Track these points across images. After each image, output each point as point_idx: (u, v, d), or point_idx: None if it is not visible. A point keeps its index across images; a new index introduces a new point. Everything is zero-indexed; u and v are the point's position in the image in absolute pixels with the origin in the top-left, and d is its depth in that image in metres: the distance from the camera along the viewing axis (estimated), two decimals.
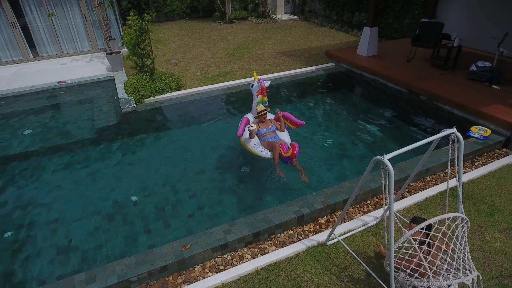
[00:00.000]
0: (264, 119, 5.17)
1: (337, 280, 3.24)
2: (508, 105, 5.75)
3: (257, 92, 5.20)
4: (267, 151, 4.74)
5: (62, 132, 6.31)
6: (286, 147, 4.65)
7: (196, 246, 3.51)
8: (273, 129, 5.10)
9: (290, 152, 4.61)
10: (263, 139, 4.97)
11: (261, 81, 5.15)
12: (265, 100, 5.23)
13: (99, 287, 3.15)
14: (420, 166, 3.16)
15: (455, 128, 2.72)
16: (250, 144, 4.92)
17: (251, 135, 4.89)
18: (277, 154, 4.60)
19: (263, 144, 4.90)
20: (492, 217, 3.89)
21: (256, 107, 5.18)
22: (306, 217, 3.95)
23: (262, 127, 5.10)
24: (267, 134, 5.01)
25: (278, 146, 4.62)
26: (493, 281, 3.16)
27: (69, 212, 4.48)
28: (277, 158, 4.62)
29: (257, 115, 5.09)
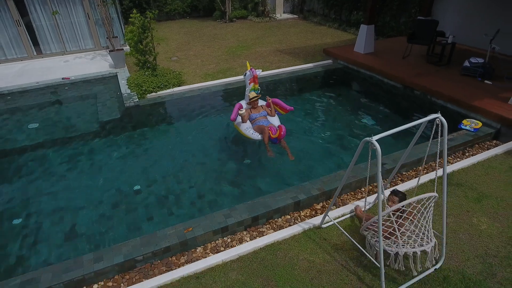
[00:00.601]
0: (256, 105, 5.63)
1: (331, 258, 3.43)
2: (499, 99, 5.95)
3: (249, 80, 5.66)
4: (257, 134, 5.20)
5: (67, 125, 6.51)
6: (274, 130, 5.09)
7: (197, 228, 3.70)
8: (264, 114, 5.55)
9: (277, 134, 5.04)
10: (255, 123, 5.40)
11: (253, 70, 5.66)
12: (257, 88, 5.71)
13: (107, 265, 3.35)
14: (410, 149, 3.36)
15: (440, 113, 2.91)
16: (243, 127, 5.40)
17: (243, 119, 5.40)
18: (266, 136, 5.07)
19: (254, 128, 5.33)
20: (479, 202, 4.08)
21: (248, 94, 5.64)
22: (302, 203, 4.14)
23: (254, 112, 5.55)
24: (258, 118, 5.44)
25: (267, 129, 5.07)
26: (478, 259, 3.36)
27: (75, 200, 4.66)
28: (266, 139, 5.09)
29: (249, 101, 5.56)
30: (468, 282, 3.13)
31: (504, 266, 3.27)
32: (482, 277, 3.18)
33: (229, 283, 3.22)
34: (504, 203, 4.06)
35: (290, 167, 5.08)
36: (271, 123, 5.41)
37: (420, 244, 3.06)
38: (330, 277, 3.24)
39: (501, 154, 5.01)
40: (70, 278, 3.22)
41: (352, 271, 3.29)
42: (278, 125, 5.14)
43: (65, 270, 3.29)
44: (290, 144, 5.30)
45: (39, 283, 3.19)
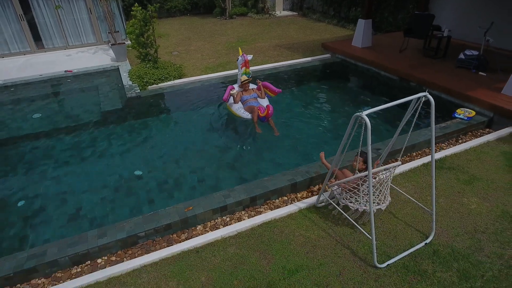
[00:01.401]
0: (247, 88, 6.22)
1: (326, 234, 3.57)
2: (493, 89, 6.09)
3: (241, 64, 6.25)
4: (248, 113, 5.83)
5: (70, 115, 6.66)
6: (262, 109, 5.62)
7: (197, 207, 3.84)
8: (254, 96, 6.14)
9: (265, 113, 5.59)
10: (246, 104, 6.00)
11: (244, 55, 6.26)
12: (248, 72, 6.26)
13: (110, 240, 3.48)
14: (400, 128, 3.49)
15: (427, 92, 3.05)
16: (234, 107, 6.04)
17: (235, 100, 6.02)
18: (255, 114, 5.65)
19: (245, 108, 5.94)
20: (470, 184, 4.22)
21: (240, 77, 6.22)
22: (299, 185, 4.28)
23: (245, 95, 6.14)
24: (249, 100, 6.05)
25: (256, 109, 5.65)
26: (467, 235, 3.49)
27: (77, 185, 4.79)
28: (255, 118, 5.67)
29: (241, 84, 6.17)
30: (457, 256, 3.27)
31: (492, 241, 3.41)
32: (471, 251, 3.32)
33: (228, 256, 3.36)
34: (494, 185, 4.19)
35: (289, 154, 5.22)
36: (261, 104, 5.93)
37: (377, 203, 3.50)
38: (324, 251, 3.38)
39: (493, 141, 5.15)
40: (75, 252, 3.36)
41: (346, 246, 3.43)
42: (267, 105, 5.65)
43: (70, 245, 3.43)
44: (289, 132, 5.45)
45: (45, 256, 3.32)
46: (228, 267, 3.25)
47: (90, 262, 3.44)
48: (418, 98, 3.09)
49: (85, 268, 3.36)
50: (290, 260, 3.29)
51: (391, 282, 3.04)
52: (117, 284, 3.12)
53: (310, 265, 3.23)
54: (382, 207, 3.48)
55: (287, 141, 5.54)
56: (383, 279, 3.07)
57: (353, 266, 3.21)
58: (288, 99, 7.13)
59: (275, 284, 3.05)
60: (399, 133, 3.49)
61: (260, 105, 5.76)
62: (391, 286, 3.01)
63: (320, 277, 3.10)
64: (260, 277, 3.12)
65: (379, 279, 3.07)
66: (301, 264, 3.23)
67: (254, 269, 3.21)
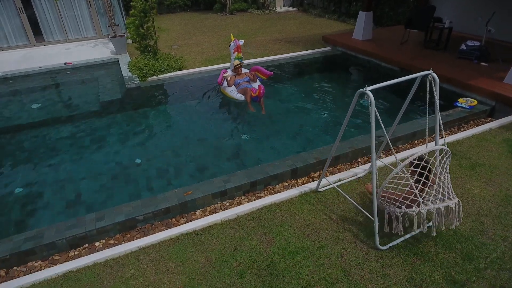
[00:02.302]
0: (240, 72, 6.63)
1: (327, 218, 3.52)
2: (494, 78, 6.05)
3: (233, 49, 6.60)
4: (241, 95, 6.30)
5: (69, 105, 6.61)
6: (254, 90, 6.17)
7: (197, 192, 3.79)
8: (246, 79, 6.56)
9: (257, 92, 6.13)
10: (239, 87, 6.43)
11: (236, 40, 6.66)
12: (240, 56, 6.63)
13: (108, 223, 3.44)
14: (404, 108, 3.45)
15: (432, 70, 3.01)
16: (228, 90, 6.46)
17: (229, 83, 6.45)
18: (248, 95, 6.16)
19: (238, 90, 6.39)
20: (473, 170, 4.17)
21: (233, 62, 6.61)
22: (300, 171, 4.23)
23: (238, 78, 6.54)
24: (242, 83, 6.46)
25: (249, 90, 6.18)
26: (470, 218, 3.44)
27: (76, 172, 4.74)
28: (248, 98, 6.18)
29: (234, 68, 6.58)
30: (460, 238, 3.22)
31: (496, 224, 3.36)
32: (474, 233, 3.27)
33: (227, 239, 3.31)
34: (497, 170, 4.14)
35: (289, 142, 5.17)
36: (253, 86, 6.38)
37: (442, 200, 2.94)
38: (325, 234, 3.33)
39: (496, 128, 5.10)
40: (72, 235, 3.31)
41: (347, 229, 3.38)
42: (258, 85, 6.23)
43: (68, 228, 3.39)
44: (289, 120, 5.41)
45: (42, 238, 3.28)
46: (228, 249, 3.20)
47: (88, 245, 3.39)
48: (423, 76, 3.04)
49: (83, 251, 3.32)
50: (291, 242, 3.24)
51: (393, 263, 2.99)
52: (115, 265, 3.08)
53: (311, 247, 3.18)
54: (451, 204, 2.90)
55: (287, 130, 5.49)
56: (385, 261, 3.02)
57: (354, 248, 3.16)
58: (289, 89, 7.09)
59: (276, 265, 3.01)
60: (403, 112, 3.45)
61: (253, 87, 6.29)
62: (393, 267, 2.96)
63: (321, 259, 3.05)
64: (260, 259, 3.08)
65: (381, 261, 3.02)
66: (301, 246, 3.18)
67: (254, 251, 3.16)
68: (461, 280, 2.82)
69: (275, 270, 2.96)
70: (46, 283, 2.93)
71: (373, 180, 2.89)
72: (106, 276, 2.98)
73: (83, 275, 3.00)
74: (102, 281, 2.93)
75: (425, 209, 2.88)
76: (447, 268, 2.92)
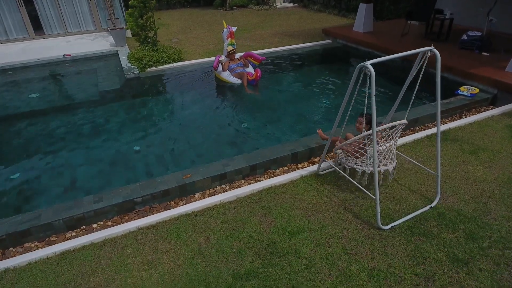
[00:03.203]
0: (233, 57, 6.88)
1: (328, 199, 3.47)
2: (496, 67, 6.00)
3: (226, 36, 6.78)
4: (237, 79, 6.59)
5: (67, 95, 6.58)
6: (251, 74, 6.56)
7: (196, 175, 3.74)
8: (240, 64, 6.82)
9: (255, 76, 6.48)
10: (233, 71, 6.70)
11: (229, 27, 6.85)
12: (233, 42, 6.82)
13: (106, 204, 3.39)
14: (406, 87, 3.41)
15: (433, 46, 2.97)
16: (223, 75, 6.70)
17: (223, 68, 6.70)
18: (245, 78, 6.52)
19: (234, 75, 6.65)
20: (475, 154, 4.12)
21: (226, 48, 6.81)
22: (300, 155, 4.18)
23: (232, 63, 6.79)
24: (236, 68, 6.72)
25: (245, 74, 6.54)
26: (473, 200, 3.39)
27: (74, 158, 4.70)
28: (245, 81, 6.51)
29: (228, 54, 6.79)
30: (463, 218, 3.17)
31: (499, 205, 3.31)
32: (477, 214, 3.22)
33: (227, 219, 3.26)
34: (499, 154, 4.10)
35: (290, 130, 5.12)
36: (248, 71, 6.72)
37: (385, 164, 3.41)
38: (326, 215, 3.28)
39: (498, 115, 5.05)
40: (70, 215, 3.27)
41: (349, 210, 3.33)
42: (255, 69, 6.58)
43: (65, 209, 3.34)
44: (290, 109, 5.38)
45: (39, 219, 3.23)
46: (227, 229, 3.15)
47: (85, 227, 3.34)
48: (424, 52, 3.00)
49: (80, 233, 3.26)
50: (291, 223, 3.19)
51: (395, 242, 2.94)
52: (112, 245, 3.03)
53: (312, 227, 3.13)
54: (390, 168, 3.38)
55: (287, 119, 5.44)
56: (387, 240, 2.97)
57: (356, 228, 3.11)
58: (289, 80, 7.05)
59: (276, 244, 2.96)
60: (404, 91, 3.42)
61: (249, 71, 6.64)
62: (395, 246, 2.91)
63: (322, 238, 3.00)
64: (260, 238, 3.03)
65: (383, 240, 2.97)
66: (302, 227, 3.13)
67: (254, 231, 3.11)
68: (464, 258, 2.77)
69: (275, 249, 2.91)
70: (42, 262, 2.89)
71: (374, 152, 2.86)
72: (103, 255, 2.93)
73: (80, 254, 2.95)
74: (99, 260, 2.88)
75: (369, 170, 3.38)
76: (450, 247, 2.87)
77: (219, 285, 2.62)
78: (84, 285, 2.67)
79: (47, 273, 2.79)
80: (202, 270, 2.75)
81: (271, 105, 5.92)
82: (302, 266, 2.74)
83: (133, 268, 2.80)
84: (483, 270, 2.66)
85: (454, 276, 2.63)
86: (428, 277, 2.63)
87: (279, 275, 2.68)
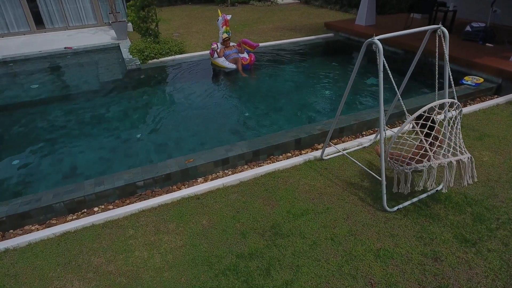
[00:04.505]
0: (228, 44, 7.10)
1: (332, 183, 3.42)
2: (500, 57, 5.95)
3: (222, 24, 6.99)
4: (232, 64, 6.83)
5: (68, 85, 6.54)
6: (245, 59, 6.90)
7: (198, 160, 3.69)
8: (235, 51, 7.04)
9: (249, 60, 6.85)
10: (229, 58, 6.93)
11: (224, 15, 7.06)
12: (228, 30, 7.05)
13: (108, 188, 3.34)
14: (414, 64, 3.36)
15: (441, 24, 2.92)
16: (219, 61, 6.94)
17: (219, 55, 6.94)
18: (239, 63, 6.81)
19: (229, 60, 6.89)
20: (481, 140, 4.07)
21: (221, 35, 7.03)
22: (303, 142, 4.13)
23: (227, 50, 7.01)
24: (231, 54, 6.95)
25: (240, 59, 6.82)
26: (480, 184, 3.34)
27: (74, 146, 4.65)
28: (240, 66, 6.80)
29: (223, 41, 7.02)
30: (470, 201, 3.11)
31: (506, 189, 3.26)
32: (484, 197, 3.16)
33: (230, 202, 3.22)
34: (505, 140, 4.04)
35: (292, 119, 5.07)
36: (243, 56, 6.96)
37: (454, 154, 2.80)
38: (331, 198, 3.23)
39: (503, 104, 5.00)
40: (70, 198, 3.22)
41: (353, 193, 3.28)
42: (249, 53, 6.94)
43: (66, 192, 3.29)
44: (292, 99, 5.32)
45: (40, 201, 3.19)
46: (230, 211, 3.10)
47: (86, 210, 3.30)
48: (434, 29, 2.96)
49: (81, 216, 3.22)
50: (295, 205, 3.14)
51: (401, 224, 2.89)
52: (114, 226, 2.98)
53: (316, 209, 3.08)
54: (464, 158, 2.75)
55: (290, 109, 5.39)
56: (392, 222, 2.92)
57: (361, 211, 3.06)
58: (291, 71, 7.00)
59: (280, 226, 2.91)
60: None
61: (243, 57, 6.90)
62: (402, 227, 2.86)
63: (326, 220, 2.95)
64: (264, 220, 2.98)
65: (388, 222, 2.92)
66: (306, 209, 3.08)
67: (257, 213, 3.06)
68: (472, 239, 2.71)
69: (280, 230, 2.86)
70: (42, 243, 2.84)
71: (381, 130, 2.81)
72: (104, 236, 2.88)
73: (81, 235, 2.90)
74: (100, 241, 2.83)
75: (436, 163, 2.72)
76: (457, 228, 2.82)
77: (223, 264, 2.57)
78: (85, 265, 2.62)
79: (47, 253, 2.74)
80: (205, 250, 2.71)
81: (273, 94, 5.86)
82: (307, 247, 2.69)
83: (134, 248, 2.75)
84: (492, 250, 2.61)
85: (462, 256, 2.58)
86: (436, 257, 2.58)
87: (283, 255, 2.63)
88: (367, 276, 2.45)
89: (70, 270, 2.59)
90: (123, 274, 2.54)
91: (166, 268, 2.57)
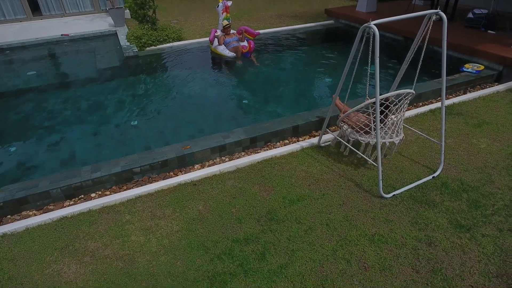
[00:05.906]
0: (229, 32, 6.98)
1: (329, 170, 3.42)
2: (502, 44, 5.86)
3: (222, 10, 6.85)
4: (232, 52, 6.70)
5: (65, 73, 6.50)
6: (245, 46, 6.80)
7: (195, 146, 3.68)
8: (236, 39, 6.92)
9: (248, 48, 6.78)
10: (229, 46, 6.82)
11: (224, 1, 6.87)
12: (228, 17, 6.94)
13: (104, 174, 3.35)
14: (411, 52, 3.32)
15: (439, 9, 2.87)
16: (219, 49, 6.83)
17: (219, 42, 6.82)
18: (239, 51, 6.72)
19: (229, 49, 6.78)
20: (479, 127, 4.05)
21: (221, 22, 6.91)
22: (301, 128, 4.11)
23: (227, 38, 6.90)
24: (232, 42, 6.85)
25: (240, 47, 6.73)
26: (476, 170, 3.34)
27: (71, 133, 4.64)
28: (239, 54, 6.73)
29: (223, 28, 6.90)
30: (466, 187, 3.12)
31: (503, 175, 3.25)
32: (480, 183, 3.16)
33: (226, 188, 3.22)
34: (504, 128, 4.02)
35: (292, 106, 5.05)
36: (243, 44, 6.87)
37: (390, 136, 3.28)
38: (327, 184, 3.24)
39: (503, 91, 4.96)
40: (67, 184, 3.23)
41: (350, 179, 3.28)
42: (248, 41, 6.84)
43: (63, 178, 3.30)
44: (290, 86, 5.28)
45: (37, 187, 3.20)
46: (226, 197, 3.11)
47: (83, 197, 3.31)
48: (430, 14, 2.91)
49: (78, 202, 3.23)
50: (292, 191, 3.15)
51: (397, 210, 2.90)
52: (110, 212, 3.00)
53: (313, 195, 3.09)
54: (395, 140, 3.27)
55: (288, 96, 5.36)
56: (388, 208, 2.93)
57: (357, 197, 3.06)
58: (291, 59, 6.93)
59: (275, 211, 2.92)
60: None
61: (243, 45, 6.80)
62: (397, 213, 2.87)
63: (322, 206, 2.96)
64: (260, 206, 2.99)
65: (384, 208, 2.93)
66: (302, 195, 3.09)
67: (254, 199, 3.07)
68: (467, 224, 2.72)
69: (275, 215, 2.88)
70: (39, 228, 2.86)
71: (377, 115, 2.79)
72: (101, 222, 2.90)
73: (78, 220, 2.92)
74: (97, 226, 2.85)
75: (373, 142, 3.26)
76: (452, 214, 2.83)
77: (218, 249, 2.59)
78: (82, 249, 2.65)
79: (44, 238, 2.76)
80: (201, 235, 2.72)
81: (272, 82, 5.82)
82: (302, 232, 2.71)
83: (131, 233, 2.77)
84: (486, 235, 2.63)
85: (456, 241, 2.59)
86: (430, 242, 2.59)
87: (278, 239, 2.65)
88: (361, 260, 2.47)
89: (67, 254, 2.61)
90: (120, 258, 2.56)
91: (162, 252, 2.59)
